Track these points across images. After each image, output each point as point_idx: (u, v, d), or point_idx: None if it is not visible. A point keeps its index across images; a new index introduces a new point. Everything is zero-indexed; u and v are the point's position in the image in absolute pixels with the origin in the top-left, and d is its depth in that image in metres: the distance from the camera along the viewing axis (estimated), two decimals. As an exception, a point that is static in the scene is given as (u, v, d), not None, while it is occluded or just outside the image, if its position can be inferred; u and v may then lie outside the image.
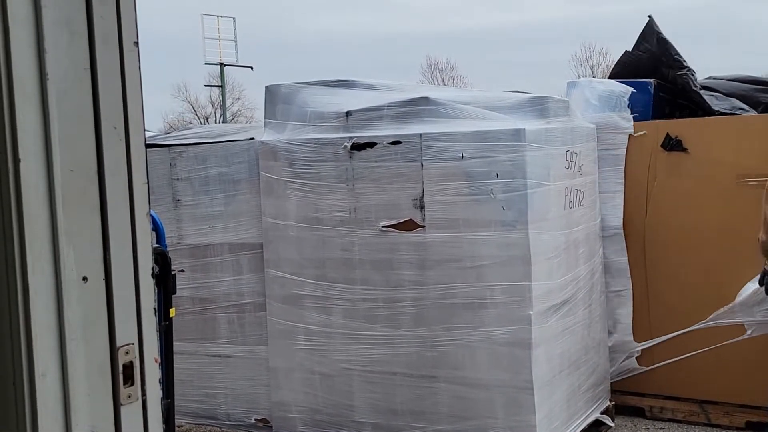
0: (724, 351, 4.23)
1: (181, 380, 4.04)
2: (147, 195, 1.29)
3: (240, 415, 4.35)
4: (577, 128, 4.09)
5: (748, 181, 4.19)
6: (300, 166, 3.97)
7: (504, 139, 3.56)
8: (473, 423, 3.71)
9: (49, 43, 1.15)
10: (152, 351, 1.29)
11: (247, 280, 4.23)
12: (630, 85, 4.74)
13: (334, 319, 3.98)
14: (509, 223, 3.57)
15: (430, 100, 3.82)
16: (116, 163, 1.23)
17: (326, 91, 4.12)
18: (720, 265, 4.20)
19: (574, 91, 4.79)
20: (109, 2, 1.22)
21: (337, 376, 4.00)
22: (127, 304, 1.25)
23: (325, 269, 3.97)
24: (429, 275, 3.74)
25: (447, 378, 3.75)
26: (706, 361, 4.14)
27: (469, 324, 3.67)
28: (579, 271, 4.06)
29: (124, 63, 1.24)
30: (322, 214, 3.95)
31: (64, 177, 1.17)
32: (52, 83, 1.15)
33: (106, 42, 1.22)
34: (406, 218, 3.77)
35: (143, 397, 1.27)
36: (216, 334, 4.35)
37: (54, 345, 1.17)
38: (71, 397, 1.18)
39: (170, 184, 4.37)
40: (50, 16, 1.15)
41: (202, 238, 4.32)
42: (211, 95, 42.92)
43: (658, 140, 4.41)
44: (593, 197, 4.31)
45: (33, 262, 1.14)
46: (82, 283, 1.19)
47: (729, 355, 4.23)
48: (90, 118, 1.20)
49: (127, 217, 1.25)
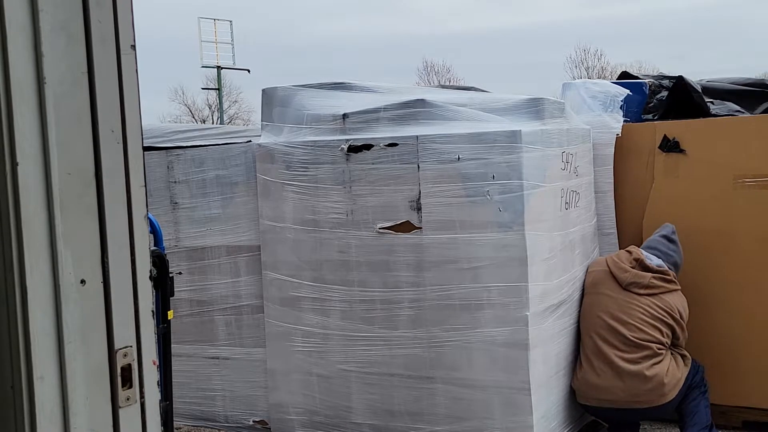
0: (720, 352, 4.23)
1: (180, 382, 4.04)
2: (144, 198, 1.29)
3: (238, 416, 4.35)
4: (572, 129, 4.10)
5: (746, 182, 4.20)
6: (297, 169, 3.97)
7: (500, 141, 3.57)
8: (470, 424, 3.71)
9: (47, 47, 1.15)
10: (150, 353, 1.29)
11: (244, 282, 4.23)
12: (625, 86, 4.75)
13: (332, 320, 3.98)
14: (505, 225, 3.58)
15: (426, 102, 3.83)
16: (114, 166, 1.24)
17: (323, 94, 4.13)
18: (718, 266, 4.21)
19: (569, 93, 4.80)
20: (106, 6, 1.22)
21: (335, 377, 4.01)
22: (125, 306, 1.25)
23: (323, 271, 3.98)
24: (426, 277, 3.75)
25: (444, 379, 3.76)
26: (703, 361, 4.14)
27: (466, 325, 3.68)
28: (575, 272, 4.07)
29: (121, 66, 1.25)
30: (319, 216, 3.95)
31: (62, 180, 1.17)
32: (49, 87, 1.16)
33: (104, 45, 1.22)
34: (403, 220, 3.78)
35: (142, 399, 1.27)
36: (214, 336, 4.35)
37: (52, 348, 1.17)
38: (69, 400, 1.18)
39: (168, 186, 4.37)
40: (47, 20, 1.15)
41: (200, 241, 4.32)
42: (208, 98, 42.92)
43: (655, 141, 4.42)
44: (589, 198, 4.32)
45: (31, 265, 1.14)
46: (80, 286, 1.19)
47: (725, 356, 4.23)
48: (87, 122, 1.21)
49: (125, 220, 1.26)
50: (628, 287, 3.93)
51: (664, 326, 3.87)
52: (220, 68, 35.70)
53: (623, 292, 3.93)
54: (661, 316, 3.87)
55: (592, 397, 3.90)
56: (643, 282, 3.91)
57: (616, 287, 3.95)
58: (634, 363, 3.79)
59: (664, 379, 3.77)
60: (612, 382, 3.81)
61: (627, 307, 3.89)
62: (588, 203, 4.30)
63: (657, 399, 3.80)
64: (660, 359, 3.81)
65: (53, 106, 1.16)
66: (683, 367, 3.92)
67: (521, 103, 3.83)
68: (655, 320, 3.86)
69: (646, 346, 3.80)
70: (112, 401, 1.23)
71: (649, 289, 3.91)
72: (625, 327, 3.84)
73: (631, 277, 3.94)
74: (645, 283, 3.91)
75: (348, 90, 4.16)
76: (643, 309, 3.87)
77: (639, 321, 3.85)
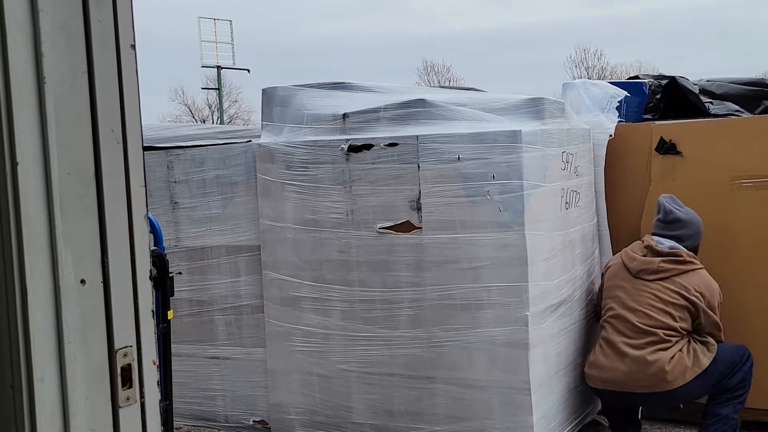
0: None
1: (180, 382, 4.04)
2: (144, 198, 1.29)
3: (238, 416, 4.35)
4: (572, 129, 4.10)
5: (743, 183, 4.20)
6: (297, 169, 3.97)
7: (500, 141, 3.57)
8: (471, 424, 3.71)
9: (47, 47, 1.15)
10: (150, 353, 1.29)
11: (244, 282, 4.23)
12: (625, 86, 4.75)
13: (332, 320, 3.98)
14: (506, 225, 3.58)
15: (426, 102, 3.83)
16: (114, 165, 1.24)
17: (323, 94, 4.13)
18: (715, 266, 4.20)
19: (569, 93, 4.80)
20: (106, 6, 1.22)
21: (335, 377, 4.01)
22: (125, 306, 1.25)
23: (323, 271, 3.98)
24: (426, 277, 3.75)
25: (444, 379, 3.76)
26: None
27: (467, 325, 3.68)
28: (575, 271, 4.07)
29: (121, 66, 1.25)
30: (319, 216, 3.95)
31: (62, 180, 1.17)
32: (49, 86, 1.16)
33: (104, 45, 1.22)
34: (403, 220, 3.78)
35: (142, 399, 1.27)
36: (214, 336, 4.35)
37: (52, 348, 1.17)
38: (69, 400, 1.18)
39: (168, 186, 4.37)
40: (47, 19, 1.15)
41: (200, 241, 4.32)
42: (208, 98, 42.95)
43: (652, 143, 4.42)
44: (589, 198, 4.32)
45: (31, 265, 1.14)
46: (80, 286, 1.19)
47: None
48: (87, 121, 1.21)
49: (125, 220, 1.26)
50: (639, 275, 3.90)
51: (676, 309, 3.80)
52: (220, 68, 35.72)
53: (634, 280, 3.90)
54: (672, 299, 3.81)
55: (597, 379, 3.91)
56: (652, 267, 3.88)
57: (628, 276, 3.93)
58: (638, 348, 3.77)
59: (666, 366, 3.72)
60: (615, 364, 3.81)
61: (637, 294, 3.86)
62: (588, 203, 4.30)
63: (659, 384, 3.74)
64: (667, 345, 3.76)
65: (53, 106, 1.16)
66: (702, 356, 3.81)
67: (521, 103, 3.83)
68: (665, 305, 3.81)
69: (652, 332, 3.77)
70: (112, 401, 1.23)
71: (659, 274, 3.87)
72: (633, 314, 3.83)
73: (640, 264, 3.91)
74: (654, 268, 3.88)
75: (348, 90, 4.16)
76: (652, 295, 3.84)
77: (647, 307, 3.82)
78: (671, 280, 3.86)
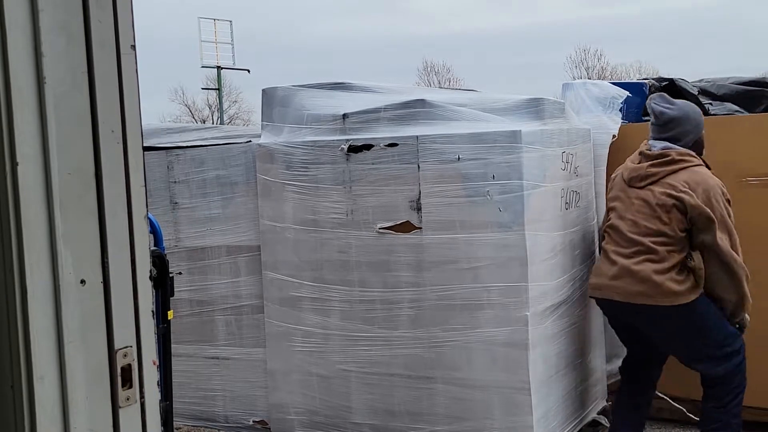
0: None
1: (180, 382, 4.04)
2: (145, 198, 1.29)
3: (238, 417, 4.35)
4: (573, 129, 4.10)
5: (749, 181, 4.19)
6: (297, 169, 3.98)
7: (500, 141, 3.57)
8: (470, 424, 3.71)
9: (47, 47, 1.15)
10: (150, 353, 1.29)
11: (244, 282, 4.23)
12: (625, 87, 4.75)
13: (332, 320, 3.98)
14: (506, 225, 3.58)
15: (426, 103, 3.83)
16: (114, 166, 1.24)
17: (323, 94, 4.13)
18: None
19: (569, 93, 4.80)
20: (106, 6, 1.23)
21: (335, 377, 4.01)
22: (125, 306, 1.26)
23: (323, 271, 3.98)
24: (426, 277, 3.75)
25: (444, 379, 3.76)
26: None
27: (466, 325, 3.68)
28: (575, 272, 4.07)
29: (121, 66, 1.25)
30: (319, 217, 3.95)
31: (62, 180, 1.17)
32: (49, 87, 1.16)
33: (104, 45, 1.22)
34: (403, 220, 3.78)
35: (142, 399, 1.27)
36: (214, 336, 4.35)
37: (52, 348, 1.17)
38: (69, 400, 1.18)
39: (168, 186, 4.37)
40: (47, 20, 1.15)
41: (200, 241, 4.32)
42: (209, 98, 42.98)
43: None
44: (589, 198, 4.32)
45: (31, 265, 1.14)
46: (80, 286, 1.19)
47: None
48: (87, 122, 1.21)
49: (125, 220, 1.26)
50: (631, 183, 3.80)
51: (665, 211, 3.64)
52: (220, 68, 35.73)
53: (628, 189, 3.80)
54: (660, 201, 3.66)
55: (592, 286, 3.89)
56: (640, 173, 3.76)
57: (624, 186, 3.84)
58: (626, 258, 3.70)
59: (653, 277, 3.59)
60: (606, 272, 3.78)
61: (629, 203, 3.78)
62: (588, 203, 4.30)
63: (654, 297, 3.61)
64: (655, 257, 3.62)
65: (53, 107, 1.16)
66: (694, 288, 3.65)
67: (521, 103, 3.83)
68: (653, 209, 3.67)
69: (639, 242, 3.67)
70: (112, 401, 1.23)
71: (649, 179, 3.73)
72: (624, 223, 3.76)
73: (630, 172, 3.82)
74: (642, 174, 3.75)
75: (348, 90, 4.16)
76: (642, 200, 3.72)
77: (636, 215, 3.72)
78: (660, 182, 3.70)
